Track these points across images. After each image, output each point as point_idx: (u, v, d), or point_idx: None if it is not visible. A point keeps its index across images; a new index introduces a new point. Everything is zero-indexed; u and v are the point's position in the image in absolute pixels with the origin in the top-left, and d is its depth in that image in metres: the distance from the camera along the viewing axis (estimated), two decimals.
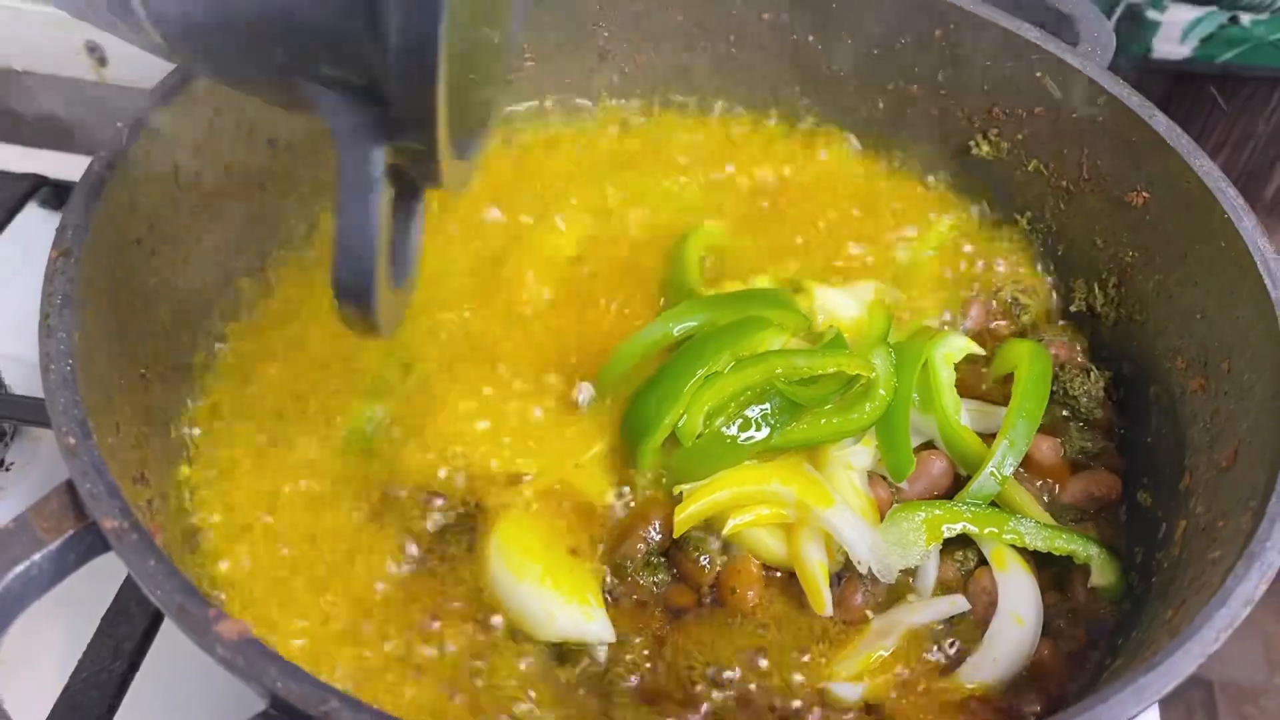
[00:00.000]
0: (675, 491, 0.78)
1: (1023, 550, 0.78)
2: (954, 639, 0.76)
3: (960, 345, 0.88)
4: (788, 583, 0.78)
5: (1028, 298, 0.97)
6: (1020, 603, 0.76)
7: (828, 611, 0.76)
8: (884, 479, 0.82)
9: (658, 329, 0.84)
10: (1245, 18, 1.28)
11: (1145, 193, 0.89)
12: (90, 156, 0.75)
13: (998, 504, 0.81)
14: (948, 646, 0.76)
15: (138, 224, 0.78)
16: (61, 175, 1.20)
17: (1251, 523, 0.65)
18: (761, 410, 0.79)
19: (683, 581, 0.78)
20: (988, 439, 0.83)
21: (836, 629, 0.76)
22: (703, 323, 0.85)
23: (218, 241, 0.87)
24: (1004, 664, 0.74)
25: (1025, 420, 0.82)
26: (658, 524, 0.77)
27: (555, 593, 0.73)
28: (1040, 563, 0.79)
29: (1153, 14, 1.31)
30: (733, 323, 0.83)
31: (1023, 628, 0.75)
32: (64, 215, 0.72)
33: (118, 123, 0.77)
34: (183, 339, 0.84)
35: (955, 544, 0.79)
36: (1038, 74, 0.94)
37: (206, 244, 0.86)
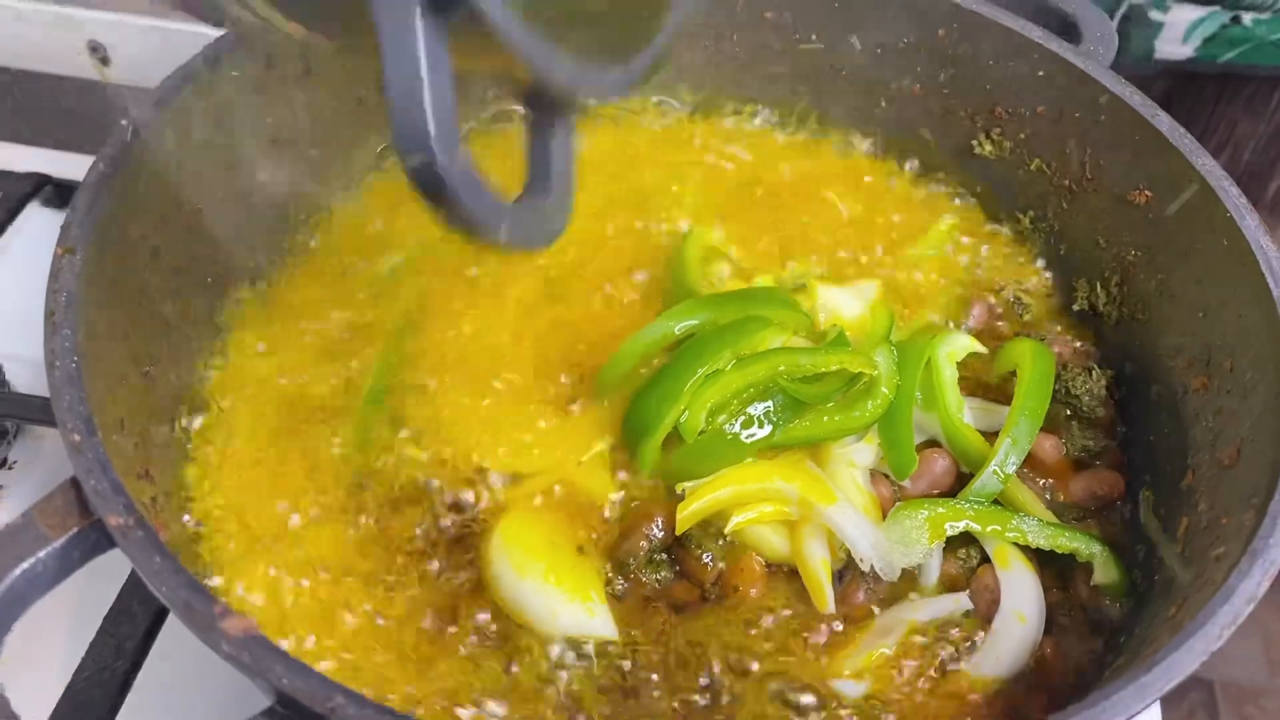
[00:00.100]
0: (678, 489, 0.79)
1: (1025, 548, 0.78)
2: (957, 637, 0.76)
3: (963, 344, 0.88)
4: (790, 580, 0.78)
5: (1030, 296, 0.98)
6: (1023, 600, 0.76)
7: (830, 609, 0.76)
8: (886, 477, 0.82)
9: (658, 328, 0.84)
10: (1247, 17, 1.28)
11: (1148, 192, 0.89)
12: (93, 156, 0.75)
13: (1000, 502, 0.81)
14: (950, 644, 0.76)
15: (141, 222, 0.78)
16: (64, 174, 1.20)
17: (1254, 520, 0.65)
18: (764, 408, 0.79)
19: (685, 579, 0.78)
20: (990, 437, 0.83)
21: (839, 626, 0.76)
22: (703, 322, 0.84)
23: (221, 240, 0.87)
24: (1006, 661, 0.74)
25: (1028, 419, 0.82)
26: (660, 521, 0.77)
27: (558, 590, 0.73)
28: (1043, 561, 0.79)
29: (1155, 14, 1.31)
30: (734, 322, 0.83)
31: (1025, 625, 0.75)
32: (68, 213, 0.72)
33: (121, 121, 0.77)
34: (186, 337, 0.84)
35: (958, 542, 0.79)
36: (1040, 73, 0.95)
37: (210, 241, 0.86)
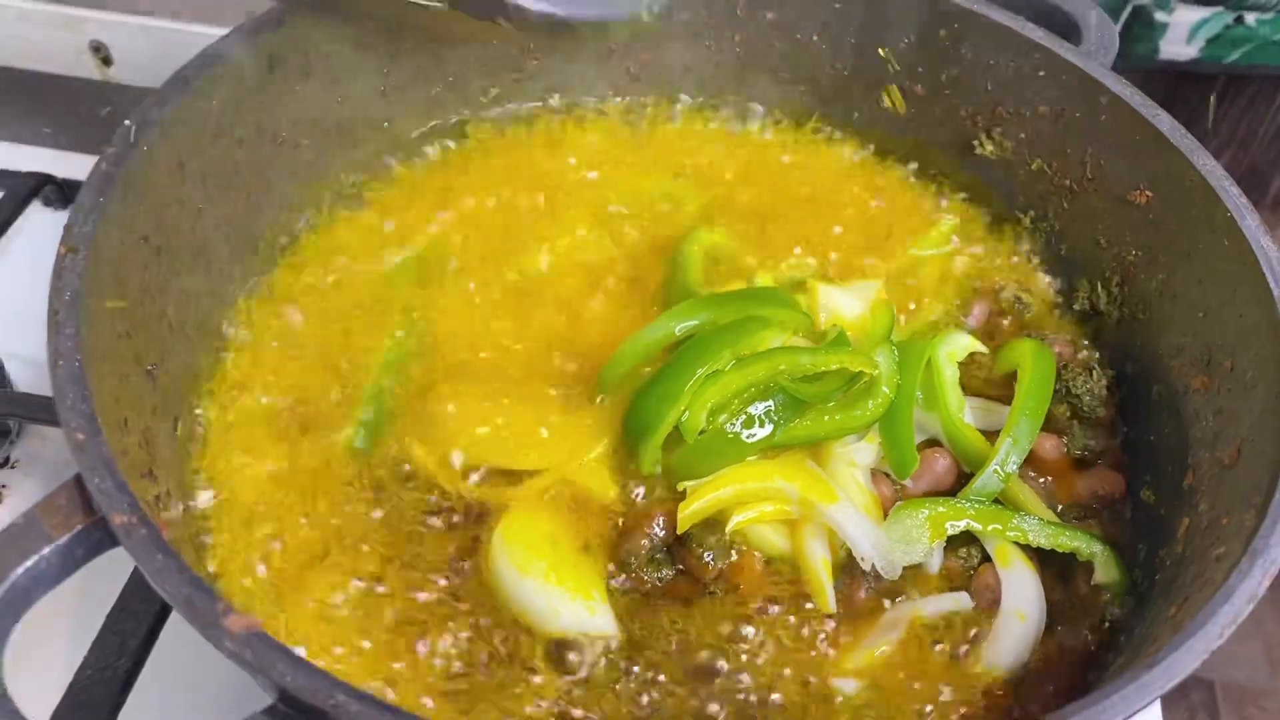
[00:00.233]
0: (679, 488, 0.79)
1: (1026, 547, 0.78)
2: (957, 635, 0.76)
3: (964, 343, 0.88)
4: (791, 579, 0.78)
5: (1030, 296, 0.98)
6: (1023, 599, 0.77)
7: (831, 608, 0.76)
8: (887, 476, 0.82)
9: (659, 328, 0.84)
10: (1250, 17, 1.28)
11: (1148, 192, 0.89)
12: (95, 156, 0.75)
13: (1001, 501, 0.81)
14: (951, 643, 0.76)
15: (144, 222, 0.78)
16: (66, 174, 1.20)
17: (1255, 520, 0.66)
18: (765, 407, 0.79)
19: (687, 577, 0.78)
20: (991, 437, 0.83)
21: (840, 625, 0.76)
22: (704, 322, 0.84)
23: (224, 238, 0.87)
24: (1007, 660, 0.75)
25: (1029, 418, 0.82)
26: (662, 520, 0.78)
27: (559, 588, 0.74)
28: (1043, 560, 0.79)
29: (1160, 15, 1.31)
30: (734, 321, 0.83)
31: (1026, 624, 0.76)
32: (72, 213, 0.72)
33: (124, 121, 0.77)
34: (189, 336, 0.84)
35: (959, 541, 0.79)
36: (1041, 74, 0.95)
37: (213, 241, 0.86)
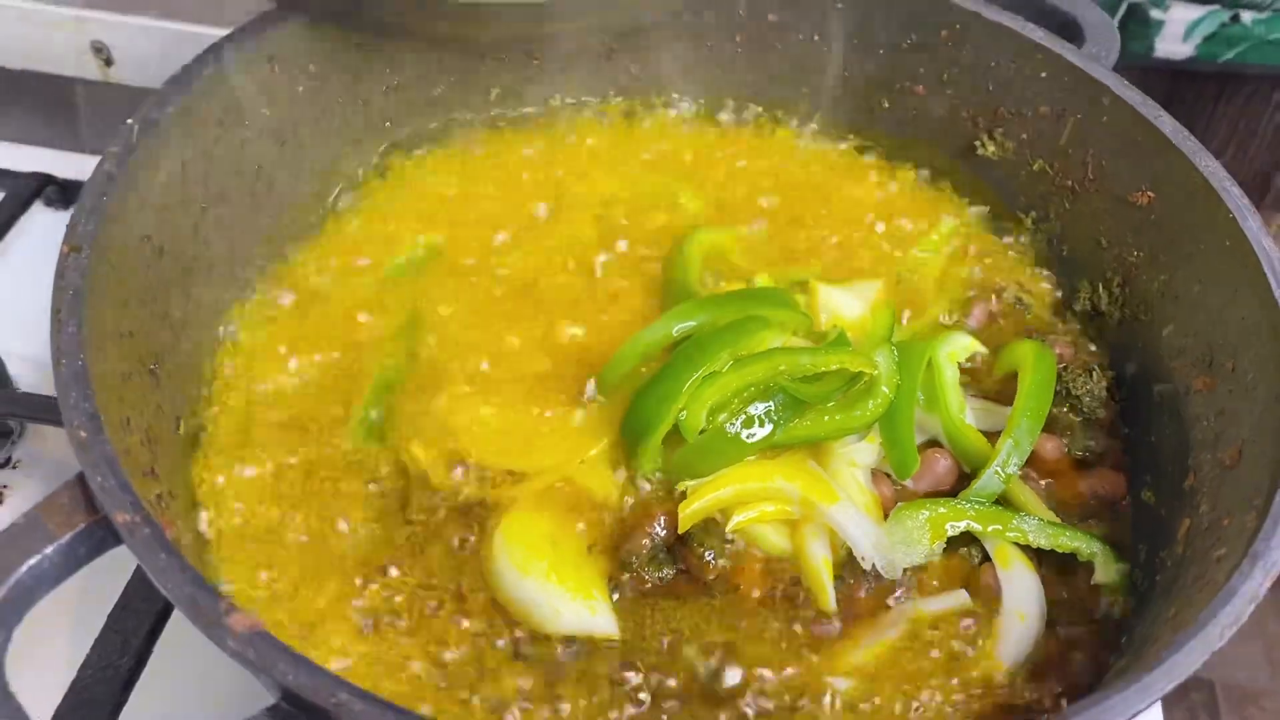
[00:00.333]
0: (679, 488, 0.79)
1: (1026, 548, 0.79)
2: (957, 635, 0.76)
3: (964, 344, 0.88)
4: (791, 578, 0.78)
5: (1031, 297, 0.98)
6: (1024, 600, 0.77)
7: (831, 607, 0.76)
8: (888, 476, 0.82)
9: (659, 329, 0.84)
10: (1246, 16, 1.28)
11: (1150, 192, 0.89)
12: (97, 156, 0.75)
13: (1001, 502, 0.81)
14: (950, 643, 0.76)
15: (146, 221, 0.78)
16: (67, 174, 1.20)
17: (1256, 521, 0.66)
18: (765, 407, 0.79)
19: (687, 576, 0.78)
20: (992, 437, 0.83)
21: (839, 625, 0.76)
22: (703, 322, 0.85)
23: (226, 238, 0.88)
24: (1007, 660, 0.75)
25: (1029, 419, 0.82)
26: (662, 520, 0.78)
27: (560, 588, 0.74)
28: (1044, 560, 0.79)
29: (1156, 13, 1.31)
30: (733, 322, 0.83)
31: (1026, 624, 0.76)
32: (74, 212, 0.72)
33: (126, 121, 0.78)
34: (192, 335, 0.84)
35: (959, 541, 0.79)
36: (1043, 75, 0.95)
37: (215, 240, 0.86)
